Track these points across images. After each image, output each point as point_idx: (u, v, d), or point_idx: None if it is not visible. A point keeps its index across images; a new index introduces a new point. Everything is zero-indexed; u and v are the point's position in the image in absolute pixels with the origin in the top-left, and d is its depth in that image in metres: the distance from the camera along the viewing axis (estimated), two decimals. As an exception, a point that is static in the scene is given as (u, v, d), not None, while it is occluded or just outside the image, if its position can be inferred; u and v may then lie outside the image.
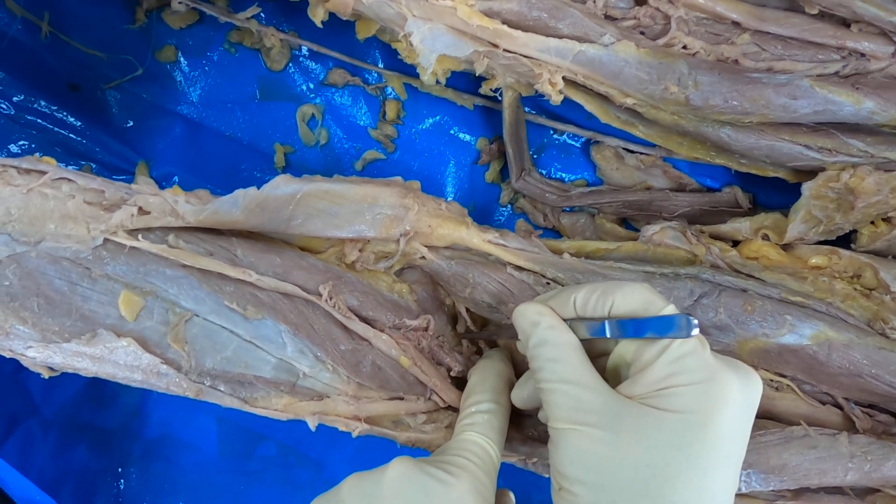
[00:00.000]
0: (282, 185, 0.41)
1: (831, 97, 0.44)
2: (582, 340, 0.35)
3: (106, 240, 0.38)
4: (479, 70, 0.46)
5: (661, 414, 0.30)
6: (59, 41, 0.51)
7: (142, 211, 0.39)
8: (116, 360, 0.39)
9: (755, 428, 0.46)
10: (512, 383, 0.43)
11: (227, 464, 0.56)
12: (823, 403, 0.48)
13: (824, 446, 0.42)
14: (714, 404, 0.30)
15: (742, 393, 0.31)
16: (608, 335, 0.33)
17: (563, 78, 0.46)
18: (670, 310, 0.32)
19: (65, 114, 0.51)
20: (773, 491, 0.45)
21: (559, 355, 0.34)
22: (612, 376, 0.36)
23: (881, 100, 0.44)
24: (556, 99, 0.46)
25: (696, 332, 0.31)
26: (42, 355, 0.38)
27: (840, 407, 0.48)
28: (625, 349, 0.34)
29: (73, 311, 0.38)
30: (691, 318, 0.31)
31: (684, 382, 0.31)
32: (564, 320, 0.36)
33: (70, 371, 0.39)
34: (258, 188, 0.40)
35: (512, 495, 0.42)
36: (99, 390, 0.54)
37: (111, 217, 0.38)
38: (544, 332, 0.35)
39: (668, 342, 0.31)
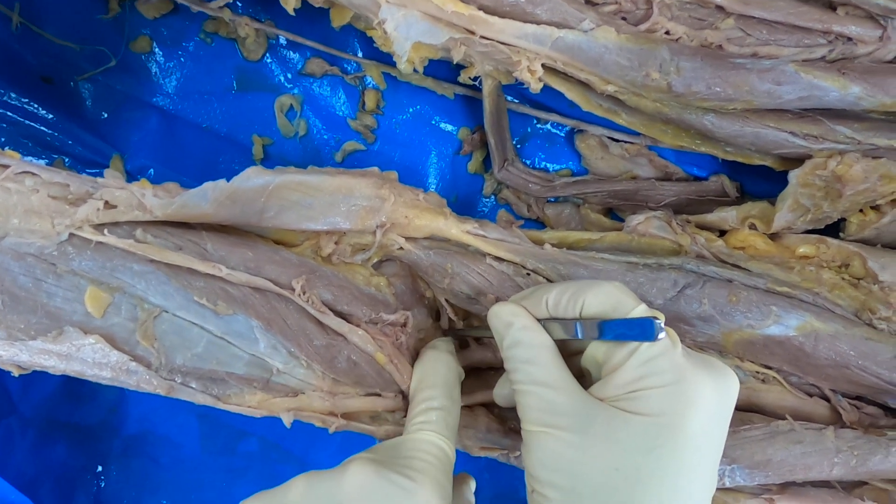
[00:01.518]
0: (253, 177, 0.40)
1: (817, 82, 0.43)
2: (557, 340, 0.34)
3: (71, 235, 0.37)
4: (456, 58, 0.45)
5: (630, 417, 0.30)
6: (31, 32, 0.50)
7: (108, 205, 0.38)
8: (84, 357, 0.38)
9: (740, 422, 0.45)
10: (461, 375, 0.42)
11: (209, 460, 0.55)
12: (811, 395, 0.47)
13: (810, 441, 0.42)
14: (685, 406, 0.29)
15: (715, 393, 0.30)
16: (580, 336, 0.33)
17: (543, 65, 0.45)
18: (640, 311, 0.31)
19: (36, 106, 0.50)
20: (758, 485, 0.45)
21: (532, 356, 0.33)
22: (586, 376, 0.35)
23: (868, 85, 0.43)
24: (536, 87, 0.45)
25: (662, 335, 0.30)
26: (8, 353, 0.37)
27: (827, 399, 0.47)
28: (596, 350, 0.33)
29: (39, 308, 0.37)
30: (658, 320, 0.30)
31: (654, 385, 0.30)
32: (539, 320, 0.35)
33: (38, 369, 0.38)
34: (227, 180, 0.39)
35: (472, 480, 0.41)
36: (77, 387, 0.54)
37: (76, 211, 0.37)
38: (518, 332, 0.34)
39: (638, 344, 0.30)
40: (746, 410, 0.47)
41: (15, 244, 0.37)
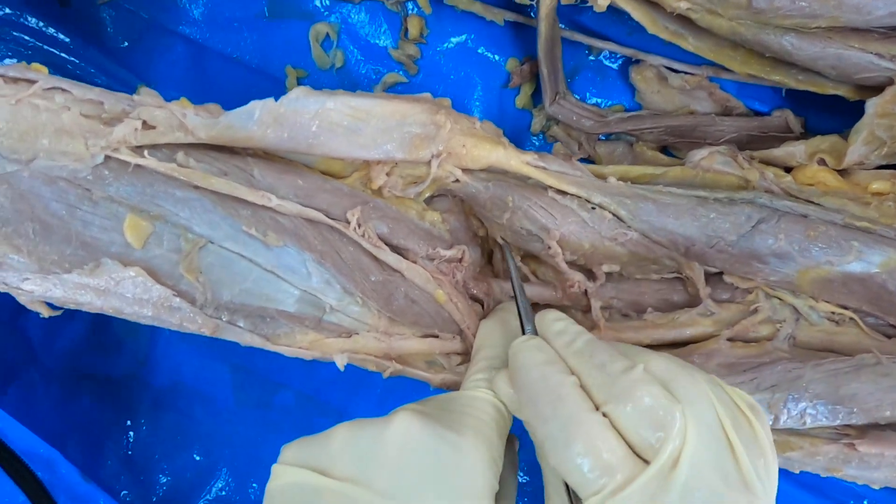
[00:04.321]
0: (302, 98, 0.36)
1: (910, -4, 0.40)
2: None
3: (107, 157, 0.34)
4: (515, -28, 0.41)
5: None
6: (46, -49, 0.46)
7: (146, 125, 0.34)
8: (123, 292, 0.35)
9: (819, 352, 0.43)
10: None
11: (243, 413, 0.52)
12: (889, 337, 0.45)
13: (901, 375, 0.39)
14: None
15: None
16: None
17: (610, -20, 0.41)
18: None
19: (55, 31, 0.46)
20: (837, 429, 0.42)
21: None
22: None
23: (966, -2, 0.40)
24: (602, 3, 0.42)
25: None
26: (40, 288, 0.34)
27: (908, 340, 0.44)
28: None
29: (73, 238, 0.34)
30: None
31: None
32: None
33: (72, 306, 0.35)
34: (276, 100, 0.35)
35: (517, 439, 0.39)
36: (103, 337, 0.51)
37: (112, 132, 0.34)
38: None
39: None
40: (821, 351, 0.44)
41: (46, 167, 0.33)
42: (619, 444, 0.28)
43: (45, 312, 0.36)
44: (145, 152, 0.34)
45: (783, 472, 0.54)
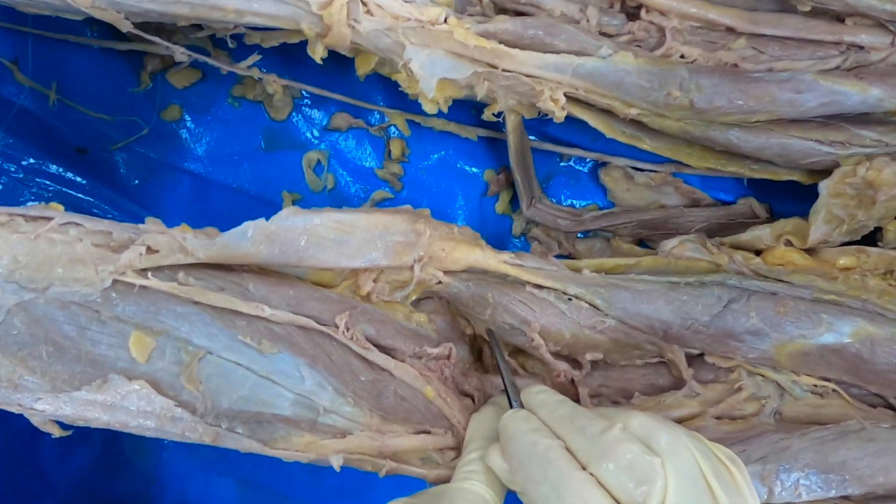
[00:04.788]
0: (291, 216, 0.40)
1: (836, 88, 0.44)
2: None
3: (115, 281, 0.37)
4: (479, 94, 0.46)
5: None
6: (67, 107, 0.52)
7: (150, 250, 0.38)
8: (128, 406, 0.37)
9: (806, 425, 0.43)
10: None
11: (250, 529, 0.53)
12: (874, 406, 0.45)
13: (884, 438, 0.39)
14: None
15: None
16: None
17: (565, 94, 0.46)
18: None
19: (73, 175, 0.51)
20: (836, 502, 0.42)
21: None
22: None
23: (887, 86, 0.44)
24: (560, 115, 0.46)
25: None
26: (52, 406, 0.36)
27: (893, 408, 0.45)
28: None
29: (83, 357, 0.37)
30: None
31: None
32: None
33: (81, 423, 0.37)
34: (267, 219, 0.39)
35: None
36: (112, 458, 0.52)
37: (119, 258, 0.37)
38: None
39: None
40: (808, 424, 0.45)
41: (60, 293, 0.37)
42: (606, 499, 0.29)
43: (57, 432, 0.38)
44: (149, 274, 0.38)
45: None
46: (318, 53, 0.45)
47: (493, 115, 0.49)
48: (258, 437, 0.39)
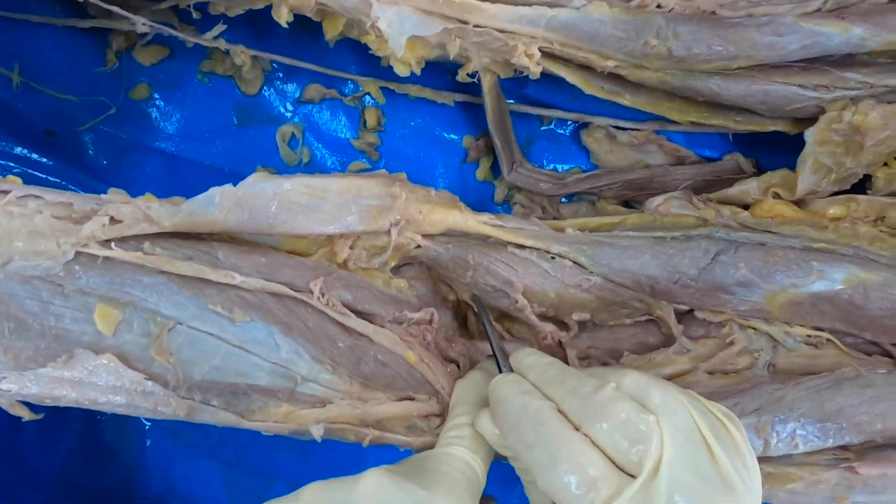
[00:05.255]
0: (259, 182, 0.39)
1: (818, 29, 0.43)
2: None
3: (78, 253, 0.36)
4: (452, 53, 0.45)
5: None
6: (32, 89, 0.51)
7: (113, 220, 0.37)
8: (97, 381, 0.35)
9: (802, 373, 0.42)
10: None
11: (238, 513, 0.51)
12: (869, 354, 0.44)
13: (881, 384, 0.38)
14: None
15: None
16: None
17: (540, 50, 0.45)
18: None
19: (39, 156, 0.50)
20: (835, 453, 0.41)
21: None
22: None
23: (869, 25, 0.43)
24: (535, 71, 0.45)
25: None
26: (17, 385, 0.35)
27: (889, 354, 0.44)
28: None
29: (47, 332, 0.35)
30: None
31: None
32: None
33: (49, 402, 0.36)
34: (234, 185, 0.38)
35: (494, 502, 0.38)
36: (93, 446, 0.51)
37: (81, 229, 0.36)
38: None
39: None
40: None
41: (20, 268, 0.35)
42: (601, 459, 0.28)
43: (27, 415, 0.37)
44: (113, 245, 0.36)
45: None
46: (283, 17, 0.44)
47: (469, 76, 0.47)
48: (234, 409, 0.38)
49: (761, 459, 0.39)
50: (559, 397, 0.32)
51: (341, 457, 0.52)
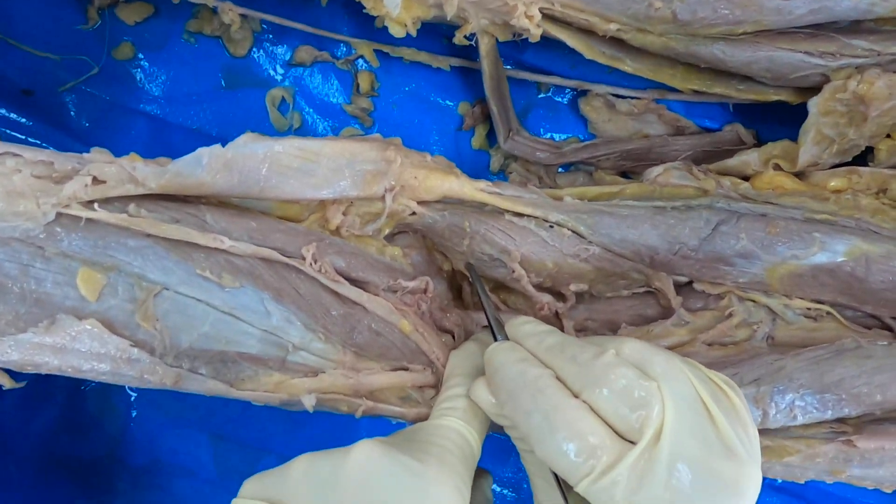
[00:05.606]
0: (250, 143, 0.37)
1: (826, -7, 0.42)
2: None
3: (59, 214, 0.34)
4: (449, 14, 0.43)
5: None
6: (9, 46, 0.49)
7: (96, 181, 0.35)
8: (80, 348, 0.34)
9: (801, 346, 0.42)
10: None
11: (226, 485, 0.50)
12: (869, 328, 0.44)
13: (881, 355, 0.38)
14: None
15: None
16: None
17: (541, 11, 0.43)
18: None
19: (19, 117, 0.48)
20: (832, 426, 0.40)
21: None
22: None
23: (879, -11, 0.42)
24: (535, 33, 0.43)
25: None
26: (-3, 352, 0.34)
27: (889, 328, 0.43)
28: None
29: (27, 296, 0.34)
30: None
31: None
32: None
33: (31, 370, 0.34)
34: (223, 146, 0.36)
35: (490, 476, 0.38)
36: (77, 417, 0.49)
37: (63, 189, 0.34)
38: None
39: None
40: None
41: (-2, 229, 0.34)
42: (601, 426, 0.28)
43: (8, 384, 0.36)
44: (96, 206, 0.35)
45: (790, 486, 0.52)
46: (273, -30, 0.42)
47: (466, 38, 0.46)
48: (223, 377, 0.37)
49: (759, 432, 0.38)
50: (558, 365, 0.31)
51: (333, 429, 0.51)
